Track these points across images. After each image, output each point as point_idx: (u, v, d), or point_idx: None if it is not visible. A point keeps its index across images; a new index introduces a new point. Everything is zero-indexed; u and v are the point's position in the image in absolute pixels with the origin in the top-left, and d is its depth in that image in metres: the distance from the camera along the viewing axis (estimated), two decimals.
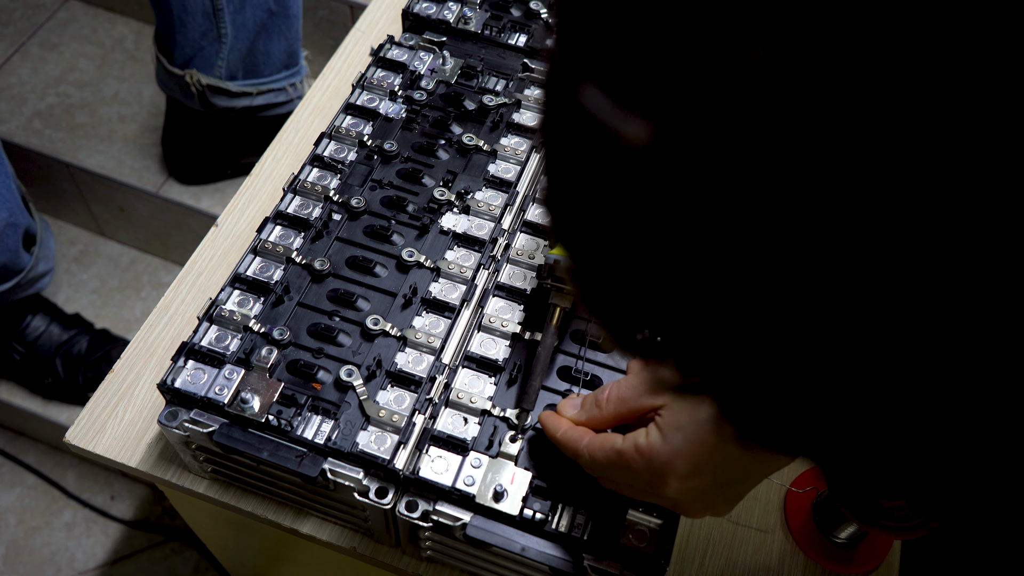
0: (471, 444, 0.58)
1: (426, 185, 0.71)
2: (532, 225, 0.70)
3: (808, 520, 0.67)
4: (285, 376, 0.60)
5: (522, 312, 0.65)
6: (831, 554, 0.66)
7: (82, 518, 1.50)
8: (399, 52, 0.81)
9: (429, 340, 0.61)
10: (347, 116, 0.76)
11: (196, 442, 0.59)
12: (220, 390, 0.58)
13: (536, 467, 0.57)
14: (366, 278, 0.65)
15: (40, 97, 1.64)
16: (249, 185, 0.83)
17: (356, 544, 0.64)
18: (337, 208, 0.69)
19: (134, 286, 1.62)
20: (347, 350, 0.61)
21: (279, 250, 0.66)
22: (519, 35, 0.83)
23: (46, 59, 1.70)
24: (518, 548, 0.54)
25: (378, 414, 0.58)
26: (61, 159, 1.55)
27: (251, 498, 0.65)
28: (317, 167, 0.72)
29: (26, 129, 1.59)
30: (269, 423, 0.57)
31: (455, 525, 0.55)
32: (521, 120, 0.76)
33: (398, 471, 0.56)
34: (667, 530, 0.55)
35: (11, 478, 1.53)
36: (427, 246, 0.67)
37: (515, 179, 0.72)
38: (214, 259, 0.78)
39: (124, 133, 1.62)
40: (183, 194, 1.54)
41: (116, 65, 1.72)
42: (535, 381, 0.59)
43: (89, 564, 1.46)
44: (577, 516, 0.56)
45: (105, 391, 0.70)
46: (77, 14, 1.78)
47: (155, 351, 0.73)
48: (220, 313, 0.62)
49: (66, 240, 1.67)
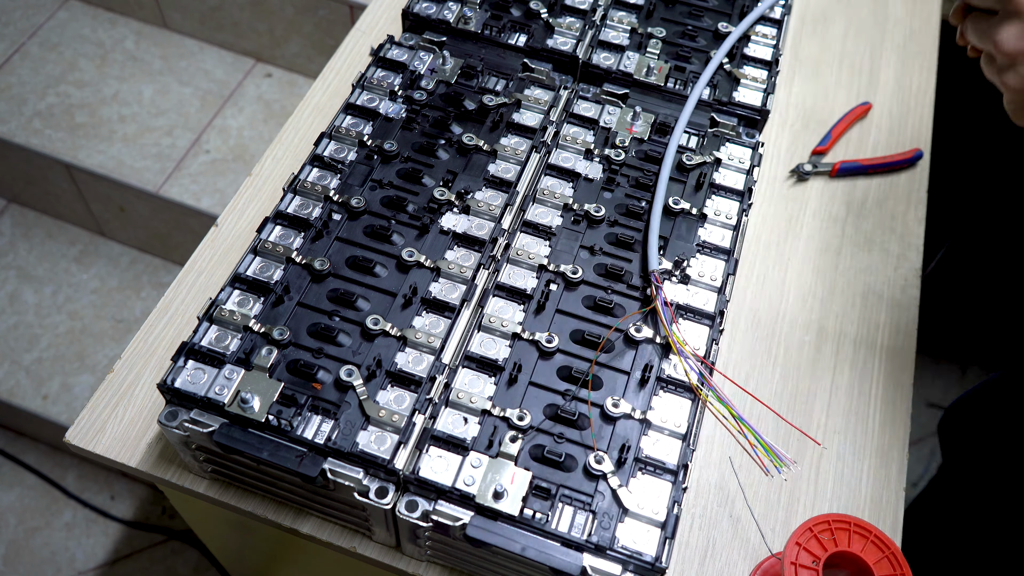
0: (471, 444, 0.58)
1: (426, 185, 0.71)
2: (532, 225, 0.70)
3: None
4: (285, 376, 0.60)
5: (522, 312, 0.65)
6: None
7: (82, 518, 1.50)
8: (399, 52, 0.81)
9: (429, 340, 0.61)
10: (347, 116, 0.76)
11: (196, 442, 0.59)
12: (220, 390, 0.58)
13: None
14: (366, 278, 0.65)
15: (40, 97, 1.64)
16: (249, 185, 0.83)
17: (356, 544, 0.64)
18: (337, 208, 0.69)
19: (134, 286, 1.62)
20: (347, 350, 0.61)
21: (279, 250, 0.66)
22: (519, 35, 0.83)
23: (46, 59, 1.70)
24: (518, 548, 0.54)
25: (378, 414, 0.58)
26: (61, 159, 1.55)
27: (251, 498, 0.65)
28: (317, 167, 0.72)
29: (26, 129, 1.59)
30: (269, 423, 0.57)
31: (455, 525, 0.55)
32: (521, 120, 0.76)
33: (398, 471, 0.56)
34: (667, 530, 0.55)
35: (11, 478, 1.53)
36: (427, 246, 0.67)
37: (515, 179, 0.72)
38: (214, 259, 0.78)
39: (124, 133, 1.62)
40: (183, 194, 1.54)
41: (116, 65, 1.72)
42: None
43: (89, 564, 1.46)
44: (577, 516, 0.56)
45: (105, 391, 0.70)
46: (77, 14, 1.78)
47: (155, 351, 0.73)
48: (220, 313, 0.62)
49: (66, 240, 1.67)
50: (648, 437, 0.59)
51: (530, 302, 0.65)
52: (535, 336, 0.63)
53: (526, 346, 0.63)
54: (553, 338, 0.62)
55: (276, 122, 1.68)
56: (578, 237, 0.69)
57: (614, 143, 0.75)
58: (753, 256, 0.84)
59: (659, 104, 0.79)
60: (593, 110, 0.78)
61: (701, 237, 0.70)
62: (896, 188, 0.90)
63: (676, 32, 0.84)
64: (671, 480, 0.57)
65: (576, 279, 0.66)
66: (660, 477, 0.57)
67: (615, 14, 0.85)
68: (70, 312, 1.58)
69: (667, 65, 0.80)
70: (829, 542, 0.58)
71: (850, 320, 0.80)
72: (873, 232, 0.87)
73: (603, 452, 0.57)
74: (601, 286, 0.66)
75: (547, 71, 0.80)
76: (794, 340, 0.78)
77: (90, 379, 1.50)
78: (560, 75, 0.80)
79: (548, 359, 0.62)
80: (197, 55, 1.76)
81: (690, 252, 0.69)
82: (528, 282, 0.66)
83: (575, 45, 0.81)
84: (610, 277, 0.67)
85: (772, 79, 0.81)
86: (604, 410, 0.60)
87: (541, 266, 0.67)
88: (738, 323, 0.79)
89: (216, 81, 1.73)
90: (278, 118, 1.69)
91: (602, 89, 0.79)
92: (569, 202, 0.71)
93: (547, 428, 0.59)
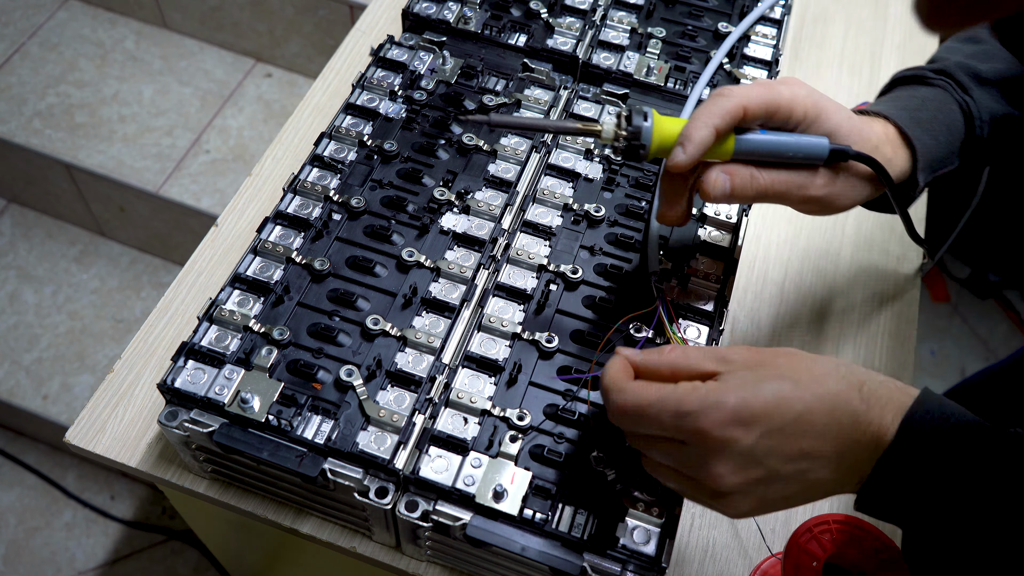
0: (471, 444, 0.58)
1: (426, 185, 0.71)
2: (532, 225, 0.70)
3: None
4: (285, 376, 0.60)
5: (522, 312, 0.65)
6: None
7: (82, 518, 1.50)
8: (399, 52, 0.81)
9: (429, 340, 0.61)
10: (347, 116, 0.76)
11: (196, 442, 0.59)
12: (220, 390, 0.58)
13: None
14: (366, 278, 0.65)
15: (40, 97, 1.64)
16: (249, 185, 0.83)
17: (356, 544, 0.64)
18: (337, 208, 0.69)
19: (134, 286, 1.62)
20: (347, 350, 0.61)
21: (279, 250, 0.66)
22: (519, 35, 0.83)
23: (46, 59, 1.70)
24: (518, 548, 0.54)
25: (378, 414, 0.58)
26: (61, 159, 1.55)
27: (251, 498, 0.65)
28: (317, 167, 0.72)
29: (26, 129, 1.59)
30: (269, 423, 0.57)
31: (455, 525, 0.55)
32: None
33: (398, 471, 0.56)
34: (667, 530, 0.55)
35: (11, 478, 1.53)
36: (427, 246, 0.67)
37: (515, 179, 0.72)
38: (214, 259, 0.78)
39: (124, 133, 1.62)
40: (183, 194, 1.54)
41: (116, 65, 1.72)
42: None
43: (89, 564, 1.46)
44: (577, 516, 0.56)
45: (105, 391, 0.70)
46: (77, 14, 1.78)
47: (155, 351, 0.73)
48: (220, 313, 0.62)
49: (66, 240, 1.67)
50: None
51: (530, 302, 0.65)
52: (535, 336, 0.63)
53: (526, 346, 0.63)
54: (553, 338, 0.62)
55: (276, 122, 1.68)
56: (578, 237, 0.69)
57: None
58: (753, 256, 0.84)
59: (659, 104, 0.79)
60: (593, 110, 0.78)
61: (701, 237, 0.70)
62: None
63: (676, 32, 0.84)
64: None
65: (576, 279, 0.66)
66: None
67: (615, 14, 0.85)
68: (70, 312, 1.58)
69: (667, 65, 0.80)
70: (829, 543, 0.58)
71: (850, 320, 0.80)
72: (873, 232, 0.87)
73: (603, 452, 0.57)
74: (601, 286, 0.66)
75: (547, 71, 0.80)
76: (794, 340, 0.78)
77: (90, 379, 1.50)
78: (560, 75, 0.80)
79: (548, 359, 0.62)
80: (197, 55, 1.76)
81: (689, 252, 0.69)
82: (528, 282, 0.66)
83: (575, 45, 0.81)
84: (610, 277, 0.67)
85: (772, 79, 0.81)
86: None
87: (541, 266, 0.67)
88: (738, 323, 0.79)
89: (216, 81, 1.73)
90: (278, 118, 1.69)
91: (602, 89, 0.79)
92: (569, 202, 0.71)
93: (547, 428, 0.59)
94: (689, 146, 0.54)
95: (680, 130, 0.56)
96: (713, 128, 0.54)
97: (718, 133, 0.55)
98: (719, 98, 0.55)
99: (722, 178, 0.56)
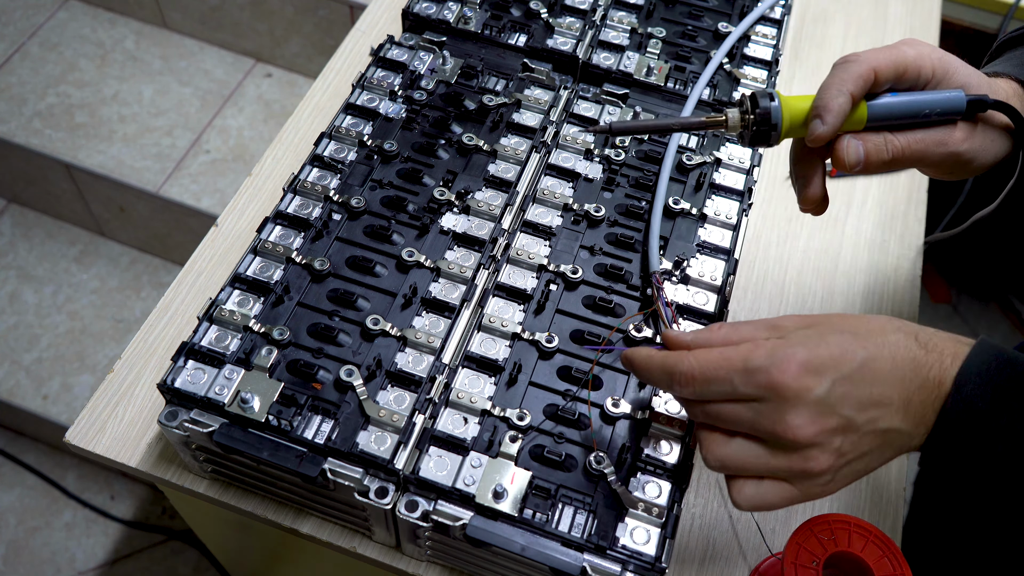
0: (471, 444, 0.58)
1: (426, 185, 0.71)
2: (532, 225, 0.70)
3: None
4: (285, 376, 0.60)
5: (522, 312, 0.65)
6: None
7: (82, 518, 1.50)
8: (399, 52, 0.81)
9: (429, 340, 0.61)
10: (347, 116, 0.76)
11: (196, 442, 0.59)
12: (220, 390, 0.58)
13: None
14: (366, 278, 0.65)
15: (40, 97, 1.64)
16: (249, 185, 0.83)
17: (356, 544, 0.64)
18: (337, 208, 0.69)
19: (134, 286, 1.62)
20: (347, 350, 0.61)
21: (279, 250, 0.66)
22: (519, 35, 0.83)
23: (46, 59, 1.70)
24: (518, 548, 0.54)
25: (378, 414, 0.58)
26: (61, 159, 1.55)
27: (251, 498, 0.65)
28: (317, 167, 0.72)
29: (26, 129, 1.59)
30: (269, 423, 0.57)
31: (455, 525, 0.55)
32: (521, 120, 0.76)
33: (398, 471, 0.56)
34: (667, 530, 0.55)
35: (11, 478, 1.53)
36: (427, 246, 0.67)
37: (515, 179, 0.72)
38: (214, 259, 0.78)
39: (124, 133, 1.62)
40: (183, 194, 1.54)
41: (116, 65, 1.72)
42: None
43: (89, 564, 1.46)
44: (577, 516, 0.56)
45: (105, 391, 0.70)
46: (77, 14, 1.78)
47: (155, 351, 0.73)
48: (220, 313, 0.62)
49: (66, 240, 1.67)
50: (648, 437, 0.59)
51: (530, 302, 0.65)
52: (535, 336, 0.63)
53: (526, 346, 0.63)
54: (553, 338, 0.62)
55: (276, 122, 1.68)
56: (578, 237, 0.69)
57: (614, 143, 0.75)
58: (753, 256, 0.84)
59: (659, 104, 0.79)
60: (593, 110, 0.78)
61: (701, 237, 0.70)
62: (896, 188, 0.90)
63: (676, 32, 0.84)
64: (671, 480, 0.57)
65: (576, 279, 0.66)
66: (660, 477, 0.57)
67: (615, 14, 0.85)
68: (70, 312, 1.58)
69: (667, 65, 0.80)
70: (829, 542, 0.58)
71: None
72: (873, 232, 0.87)
73: (603, 452, 0.57)
74: (601, 286, 0.66)
75: (547, 71, 0.80)
76: None
77: (90, 379, 1.50)
78: (560, 75, 0.80)
79: (548, 359, 0.62)
80: (197, 55, 1.76)
81: (690, 252, 0.69)
82: (528, 282, 0.66)
83: (575, 45, 0.81)
84: (610, 277, 0.67)
85: (772, 79, 0.81)
86: (604, 410, 0.60)
87: (541, 266, 0.67)
88: None
89: (216, 81, 1.73)
90: (278, 118, 1.69)
91: (602, 89, 0.79)
92: (569, 202, 0.71)
93: (547, 428, 0.59)
94: (828, 116, 0.54)
95: (808, 106, 0.55)
96: (849, 94, 0.54)
97: (853, 99, 0.54)
98: (848, 64, 0.55)
99: (854, 143, 0.56)
